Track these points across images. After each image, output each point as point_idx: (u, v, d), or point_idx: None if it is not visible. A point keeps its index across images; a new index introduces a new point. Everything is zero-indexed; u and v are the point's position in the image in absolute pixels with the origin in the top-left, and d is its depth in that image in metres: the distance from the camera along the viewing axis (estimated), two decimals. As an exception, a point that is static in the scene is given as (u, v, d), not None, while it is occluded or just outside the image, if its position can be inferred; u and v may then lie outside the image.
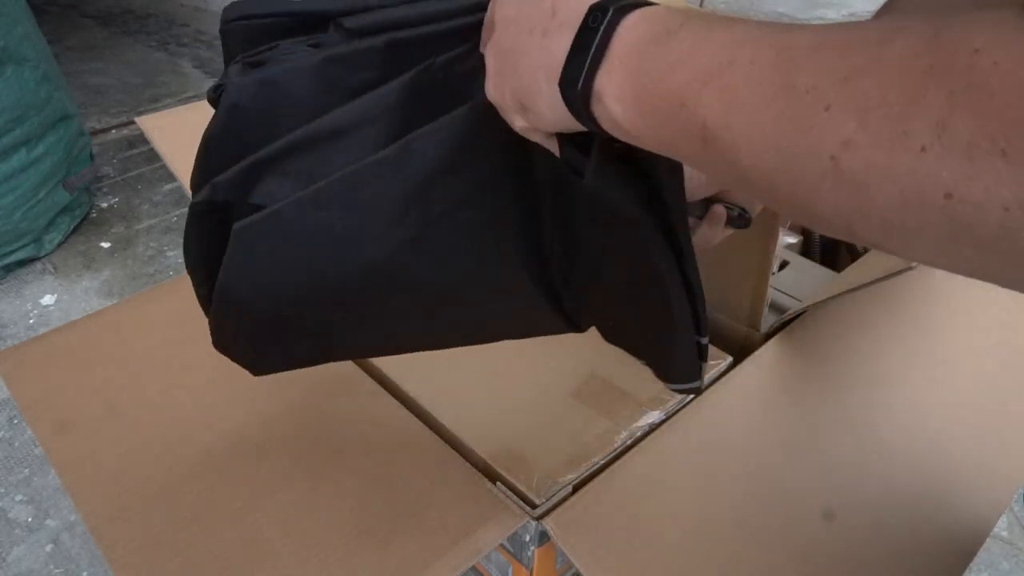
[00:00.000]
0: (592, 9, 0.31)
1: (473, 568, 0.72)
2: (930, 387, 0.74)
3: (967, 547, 0.62)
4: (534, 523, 0.54)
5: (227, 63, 0.46)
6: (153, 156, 2.19)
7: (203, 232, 0.44)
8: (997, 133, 0.20)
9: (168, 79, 2.79)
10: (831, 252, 0.91)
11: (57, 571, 1.14)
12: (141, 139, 2.29)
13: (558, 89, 0.32)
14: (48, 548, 1.17)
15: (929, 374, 0.74)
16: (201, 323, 0.71)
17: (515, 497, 0.56)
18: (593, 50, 0.30)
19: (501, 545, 0.62)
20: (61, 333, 0.71)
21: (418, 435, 0.61)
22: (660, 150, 0.31)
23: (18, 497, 1.25)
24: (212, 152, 0.43)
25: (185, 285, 0.76)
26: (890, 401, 0.73)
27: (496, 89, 0.36)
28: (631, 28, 0.30)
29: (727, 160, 0.28)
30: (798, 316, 0.74)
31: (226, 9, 0.45)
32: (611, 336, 0.51)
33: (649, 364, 0.49)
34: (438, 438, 0.61)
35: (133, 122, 2.40)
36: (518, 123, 0.37)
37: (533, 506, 0.55)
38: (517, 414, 0.63)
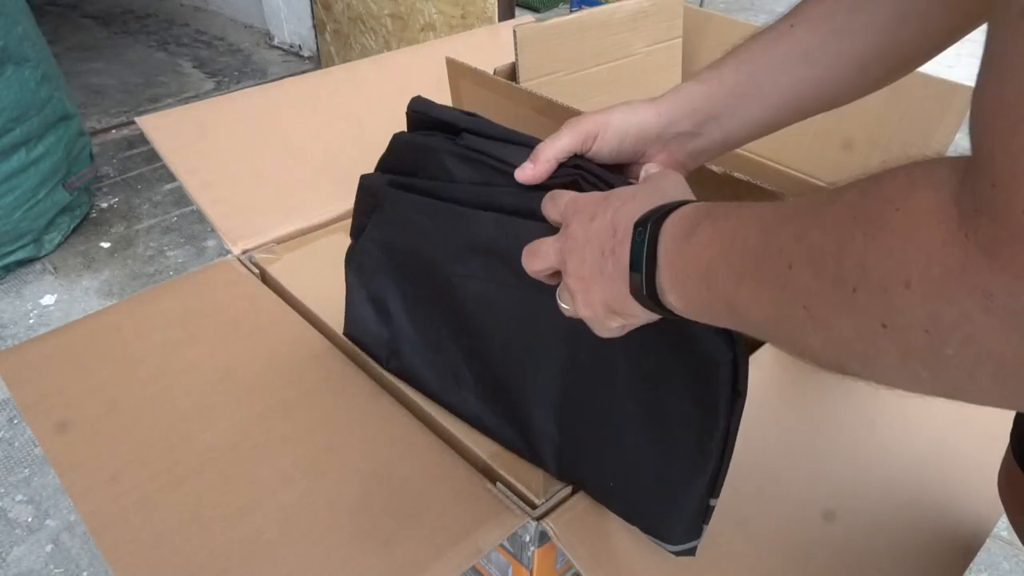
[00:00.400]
0: (636, 225, 0.37)
1: (473, 568, 0.72)
2: (930, 387, 0.74)
3: (967, 547, 0.62)
4: (534, 523, 0.54)
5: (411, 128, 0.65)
6: (153, 156, 2.19)
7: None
8: (899, 268, 0.23)
9: (168, 79, 2.79)
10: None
11: (57, 571, 1.14)
12: (141, 139, 2.29)
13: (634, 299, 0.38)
14: (48, 548, 1.17)
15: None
16: (201, 323, 0.72)
17: (515, 497, 0.56)
18: (644, 262, 0.36)
19: (501, 545, 0.62)
20: (61, 333, 0.71)
21: (418, 435, 0.61)
22: (712, 322, 0.37)
23: (18, 497, 1.25)
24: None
25: (185, 285, 0.76)
26: (890, 401, 0.73)
27: (586, 306, 0.42)
28: (668, 233, 0.36)
29: (749, 322, 0.33)
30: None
31: (413, 100, 0.62)
32: (606, 496, 0.55)
33: (644, 527, 0.53)
34: (438, 438, 0.61)
35: (133, 122, 2.40)
36: (614, 324, 0.42)
37: (533, 506, 0.55)
38: (517, 414, 0.63)
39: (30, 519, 1.22)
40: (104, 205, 2.02)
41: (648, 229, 0.36)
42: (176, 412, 0.62)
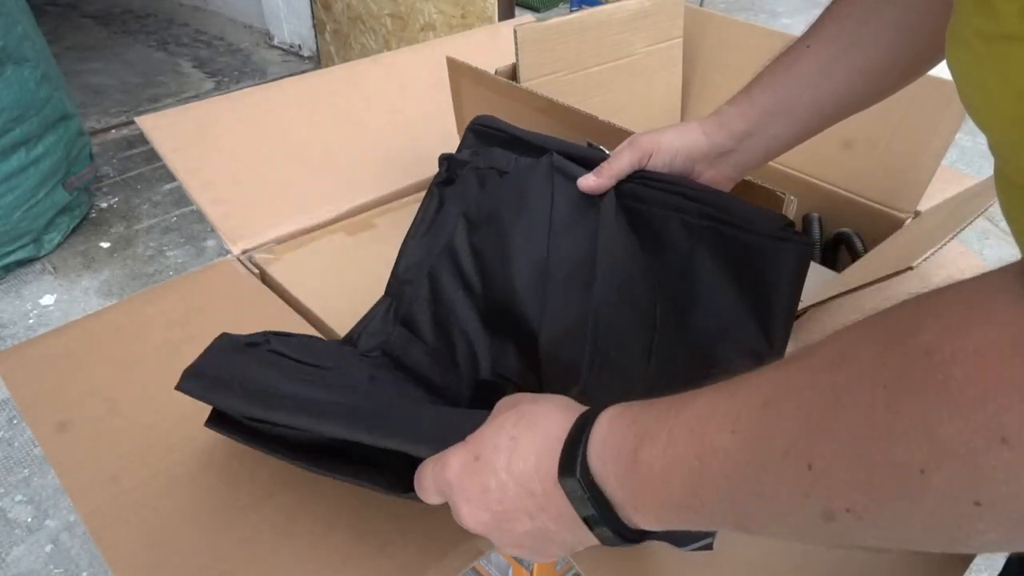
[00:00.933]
0: (563, 478, 0.33)
1: (473, 569, 0.72)
2: (930, 387, 0.74)
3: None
4: (534, 523, 0.54)
5: (463, 147, 0.70)
6: (153, 156, 2.19)
7: None
8: (987, 426, 0.18)
9: (168, 79, 2.79)
10: (831, 252, 0.91)
11: (57, 571, 1.14)
12: (141, 139, 2.29)
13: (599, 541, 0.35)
14: (48, 548, 1.17)
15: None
16: (201, 323, 0.71)
17: (515, 497, 0.56)
18: (600, 512, 0.32)
19: (501, 545, 0.62)
20: (61, 333, 0.71)
21: (418, 435, 0.61)
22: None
23: (18, 497, 1.25)
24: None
25: (185, 285, 0.76)
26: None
27: (533, 552, 0.39)
28: (605, 474, 0.32)
29: (771, 532, 0.28)
30: (798, 316, 0.74)
31: (478, 117, 0.69)
32: None
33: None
34: (438, 438, 0.60)
35: (133, 122, 2.39)
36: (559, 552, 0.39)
37: (533, 506, 0.55)
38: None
39: (30, 519, 1.21)
40: (104, 205, 2.02)
41: (581, 480, 0.32)
42: (176, 412, 0.62)
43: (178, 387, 0.50)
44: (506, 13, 2.07)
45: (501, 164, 0.65)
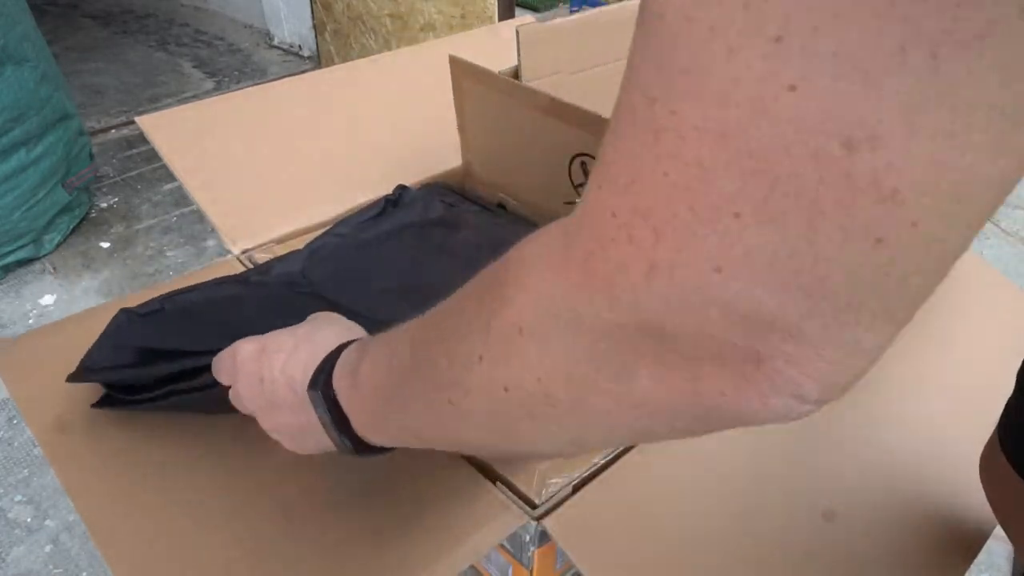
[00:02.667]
0: (309, 389, 0.38)
1: (472, 568, 0.72)
2: (931, 386, 0.74)
3: (969, 547, 0.62)
4: (534, 523, 0.54)
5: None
6: (153, 156, 2.19)
7: None
8: (515, 316, 0.24)
9: (168, 79, 2.79)
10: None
11: (56, 571, 1.14)
12: (141, 139, 2.29)
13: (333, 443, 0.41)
14: (47, 548, 1.17)
15: (930, 373, 0.74)
16: (201, 323, 0.71)
17: (515, 497, 0.56)
18: (335, 426, 0.38)
19: (501, 545, 0.62)
20: (61, 331, 0.70)
21: (418, 435, 0.61)
22: (410, 446, 0.38)
23: (18, 497, 1.25)
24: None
25: (185, 285, 0.76)
26: (891, 400, 0.73)
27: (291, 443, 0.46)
28: (340, 385, 0.37)
29: (426, 438, 0.35)
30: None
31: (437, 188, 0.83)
32: None
33: None
34: (438, 438, 0.60)
35: (133, 122, 2.39)
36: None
37: (533, 506, 0.55)
38: (517, 414, 0.63)
39: (29, 519, 1.21)
40: (104, 205, 2.02)
41: (320, 391, 0.37)
42: (176, 412, 0.62)
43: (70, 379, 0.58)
44: (506, 13, 2.07)
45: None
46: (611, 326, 0.21)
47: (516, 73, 0.92)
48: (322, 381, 0.37)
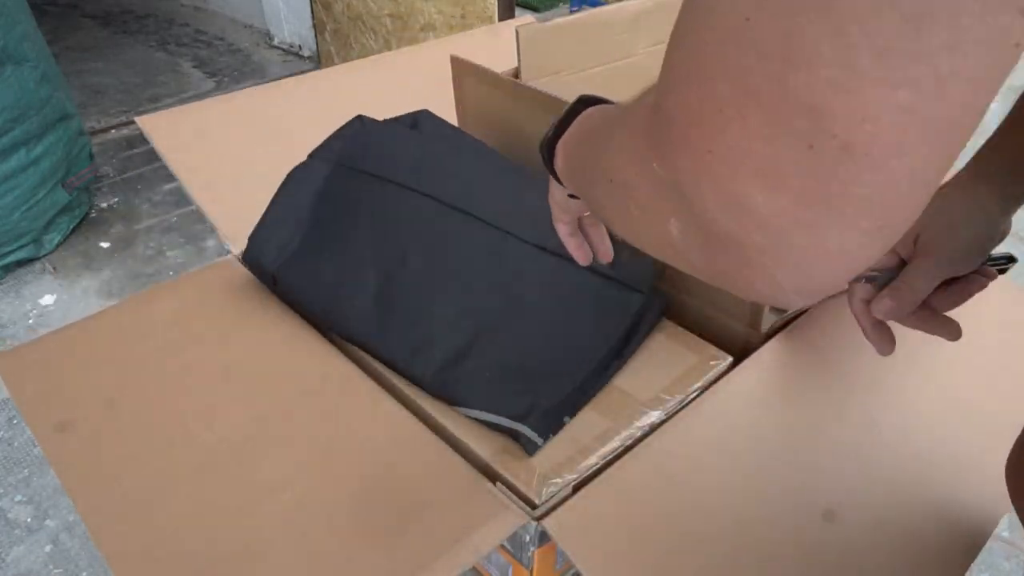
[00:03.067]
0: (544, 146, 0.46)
1: (473, 568, 0.72)
2: (931, 386, 0.74)
3: (969, 547, 0.62)
4: (534, 523, 0.54)
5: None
6: (153, 156, 2.19)
7: None
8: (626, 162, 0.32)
9: (168, 79, 2.78)
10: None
11: (57, 571, 1.14)
12: (141, 139, 2.29)
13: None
14: (47, 548, 1.17)
15: (930, 373, 0.74)
16: (201, 323, 0.71)
17: (515, 497, 0.56)
18: (550, 140, 0.46)
19: (501, 545, 0.62)
20: (61, 333, 0.70)
21: (418, 435, 0.61)
22: (575, 189, 0.45)
23: (18, 497, 1.25)
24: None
25: (185, 285, 0.76)
26: (891, 400, 0.73)
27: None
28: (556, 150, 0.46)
29: (581, 191, 0.43)
30: (799, 316, 0.74)
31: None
32: (474, 392, 0.62)
33: (510, 411, 0.59)
34: (438, 438, 0.60)
35: (133, 122, 2.39)
36: (562, 218, 0.51)
37: (533, 506, 0.55)
38: (517, 414, 0.63)
39: (29, 519, 1.21)
40: (104, 205, 2.02)
41: (546, 147, 0.46)
42: (176, 412, 0.62)
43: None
44: (506, 13, 2.07)
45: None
46: (661, 177, 0.27)
47: (516, 73, 0.92)
48: (548, 139, 0.45)
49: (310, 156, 0.79)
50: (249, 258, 0.75)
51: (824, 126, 0.20)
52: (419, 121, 0.83)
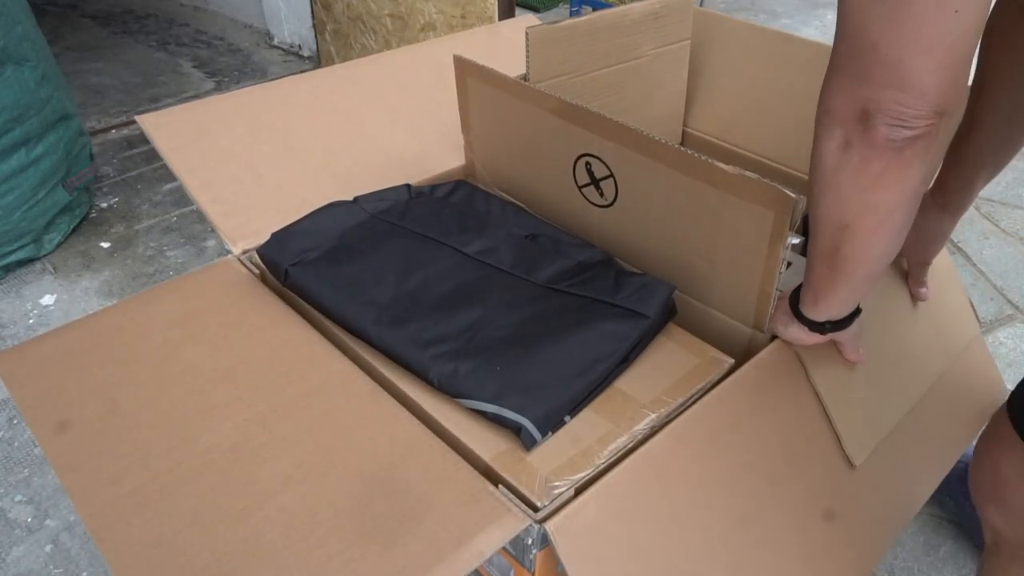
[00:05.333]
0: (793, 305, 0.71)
1: (475, 571, 0.71)
2: (932, 388, 0.74)
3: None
4: (536, 526, 0.54)
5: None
6: (153, 156, 2.19)
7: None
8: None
9: (168, 79, 2.78)
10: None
11: (57, 571, 1.14)
12: (141, 139, 2.29)
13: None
14: (48, 548, 1.17)
15: (930, 375, 0.74)
16: (201, 323, 0.71)
17: (517, 500, 0.56)
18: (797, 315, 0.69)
19: (503, 548, 0.62)
20: (61, 333, 0.70)
21: (419, 437, 0.60)
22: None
23: (18, 497, 1.25)
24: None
25: (185, 285, 0.76)
26: (891, 402, 0.73)
27: None
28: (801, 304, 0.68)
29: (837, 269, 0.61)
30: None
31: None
32: (481, 384, 0.63)
33: (513, 404, 0.60)
34: (439, 440, 0.60)
35: (133, 122, 2.39)
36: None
37: (535, 509, 0.55)
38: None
39: (30, 519, 1.21)
40: (104, 205, 2.02)
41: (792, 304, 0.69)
42: (176, 412, 0.62)
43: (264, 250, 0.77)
44: (506, 13, 2.07)
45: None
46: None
47: (524, 77, 0.92)
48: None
49: (355, 199, 0.84)
50: (266, 252, 0.76)
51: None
52: (457, 189, 0.89)
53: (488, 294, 0.72)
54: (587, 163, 0.78)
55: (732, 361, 0.69)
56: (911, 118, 0.49)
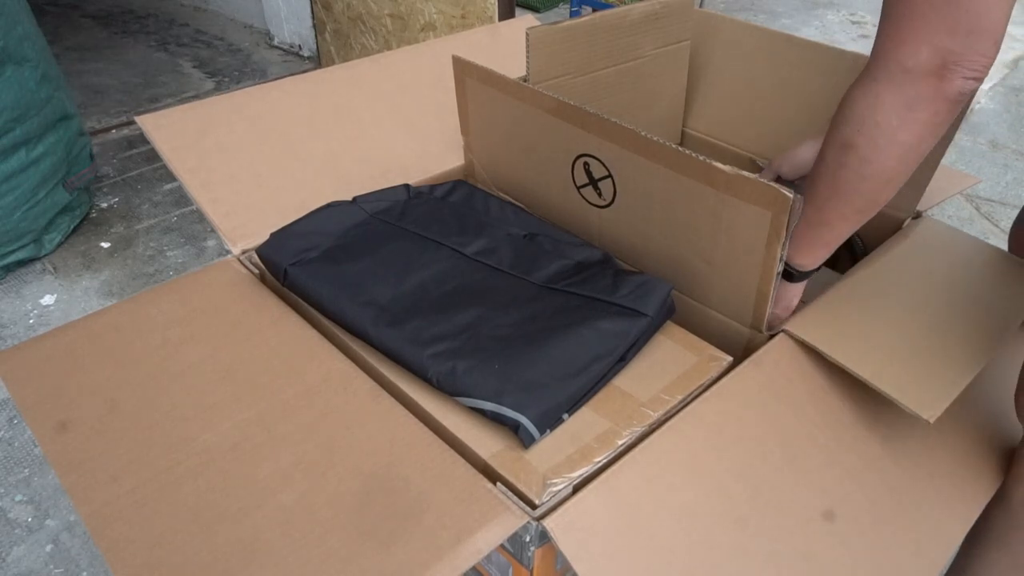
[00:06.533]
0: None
1: (473, 569, 0.71)
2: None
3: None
4: (534, 523, 0.54)
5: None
6: (153, 156, 2.19)
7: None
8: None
9: (168, 79, 2.78)
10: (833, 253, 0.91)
11: (57, 571, 1.14)
12: (141, 139, 2.29)
13: None
14: (48, 548, 1.17)
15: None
16: (201, 323, 0.71)
17: (515, 497, 0.56)
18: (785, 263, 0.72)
19: (501, 545, 0.62)
20: (61, 333, 0.70)
21: (418, 436, 0.61)
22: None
23: (18, 497, 1.25)
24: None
25: (185, 285, 0.76)
26: (890, 403, 0.73)
27: None
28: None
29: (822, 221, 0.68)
30: (798, 317, 0.74)
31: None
32: (480, 381, 0.63)
33: (512, 402, 0.60)
34: (438, 438, 0.61)
35: (133, 122, 2.39)
36: None
37: (533, 506, 0.55)
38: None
39: (30, 519, 1.21)
40: (104, 205, 2.02)
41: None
42: (176, 412, 0.62)
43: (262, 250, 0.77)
44: (506, 13, 2.07)
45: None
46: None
47: (525, 79, 0.92)
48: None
49: (353, 200, 0.84)
50: (265, 252, 0.77)
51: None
52: (455, 189, 0.89)
53: (487, 294, 0.72)
54: (585, 163, 0.78)
55: (731, 359, 0.69)
56: (983, 67, 0.51)
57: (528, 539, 0.58)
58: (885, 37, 0.54)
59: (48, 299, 1.69)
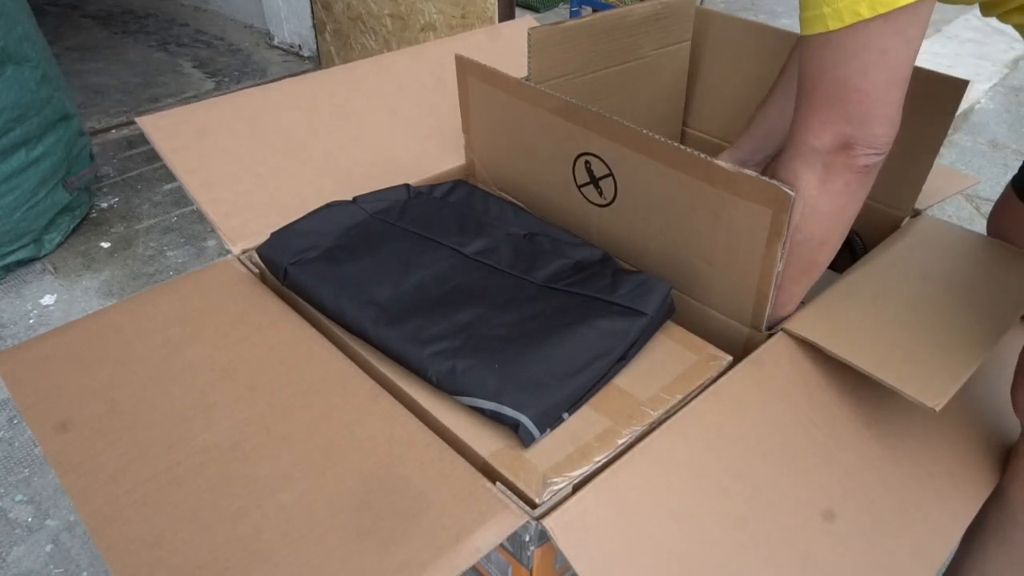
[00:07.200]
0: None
1: (472, 568, 0.71)
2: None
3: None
4: (534, 523, 0.54)
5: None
6: (153, 156, 2.19)
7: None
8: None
9: (168, 79, 2.78)
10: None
11: (57, 571, 1.14)
12: (141, 139, 2.29)
13: None
14: (48, 548, 1.17)
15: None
16: (201, 323, 0.72)
17: (515, 497, 0.56)
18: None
19: (501, 545, 0.62)
20: (61, 333, 0.71)
21: (417, 434, 0.61)
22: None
23: (18, 497, 1.25)
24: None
25: (185, 285, 0.76)
26: (891, 400, 0.73)
27: None
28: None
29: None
30: (797, 316, 0.74)
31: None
32: (479, 381, 0.62)
33: (512, 401, 0.60)
34: (437, 437, 0.61)
35: (133, 122, 2.39)
36: None
37: (533, 506, 0.55)
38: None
39: (30, 519, 1.21)
40: (104, 205, 2.02)
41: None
42: (176, 412, 0.62)
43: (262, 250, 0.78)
44: (506, 13, 2.07)
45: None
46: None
47: (527, 79, 0.92)
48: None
49: (353, 199, 0.84)
50: (265, 251, 0.77)
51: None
52: (455, 189, 0.89)
53: (487, 293, 0.72)
54: (586, 162, 0.78)
55: (730, 358, 0.69)
56: (882, 144, 0.59)
57: (528, 538, 0.58)
58: (798, 122, 0.62)
59: (48, 299, 1.69)
